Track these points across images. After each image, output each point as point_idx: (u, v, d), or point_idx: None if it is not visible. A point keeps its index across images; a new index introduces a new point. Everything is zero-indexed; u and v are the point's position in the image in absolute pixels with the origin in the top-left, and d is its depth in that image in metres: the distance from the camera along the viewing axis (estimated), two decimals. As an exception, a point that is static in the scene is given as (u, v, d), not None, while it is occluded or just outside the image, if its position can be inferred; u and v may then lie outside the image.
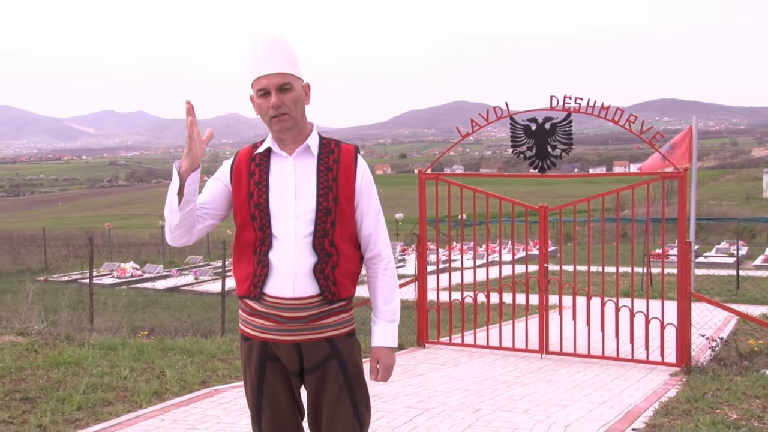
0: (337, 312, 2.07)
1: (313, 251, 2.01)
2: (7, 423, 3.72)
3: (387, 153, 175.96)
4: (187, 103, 1.90)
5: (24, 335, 6.11)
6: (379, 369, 2.12)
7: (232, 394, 4.41)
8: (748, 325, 7.83)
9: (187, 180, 1.91)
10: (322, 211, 2.02)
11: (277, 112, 1.99)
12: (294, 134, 2.04)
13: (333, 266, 2.03)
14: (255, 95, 2.03)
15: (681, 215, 5.90)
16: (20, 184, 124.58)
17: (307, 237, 2.01)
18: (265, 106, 2.00)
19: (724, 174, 72.82)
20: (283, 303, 2.02)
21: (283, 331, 2.04)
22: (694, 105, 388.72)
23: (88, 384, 4.47)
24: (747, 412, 4.13)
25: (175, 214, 1.94)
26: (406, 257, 19.86)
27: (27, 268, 18.43)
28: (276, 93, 1.98)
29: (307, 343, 2.05)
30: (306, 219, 2.02)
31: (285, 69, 2.00)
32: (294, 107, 2.01)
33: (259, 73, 2.00)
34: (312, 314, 2.03)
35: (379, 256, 2.13)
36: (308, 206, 2.02)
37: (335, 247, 2.03)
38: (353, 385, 2.07)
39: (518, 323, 6.51)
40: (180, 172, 1.92)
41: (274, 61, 1.99)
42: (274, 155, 2.07)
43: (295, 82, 2.01)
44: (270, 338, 2.05)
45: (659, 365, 5.75)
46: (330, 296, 2.03)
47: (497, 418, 4.09)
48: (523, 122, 6.04)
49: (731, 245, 20.42)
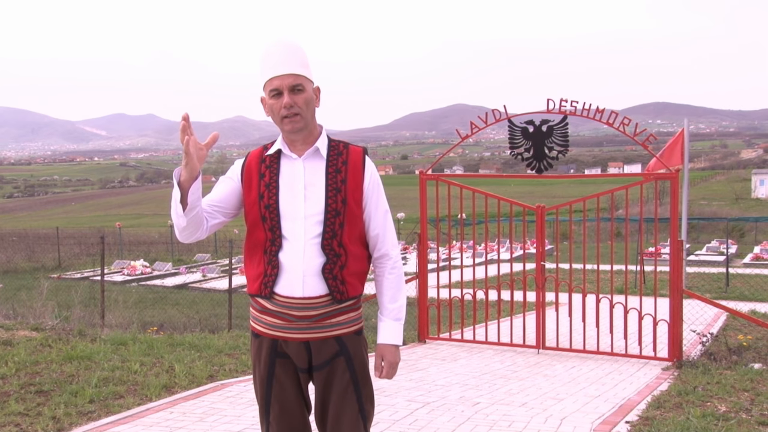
0: (345, 311, 2.08)
1: (322, 252, 2.02)
2: (22, 415, 3.79)
3: (389, 154, 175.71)
4: (183, 120, 1.86)
5: (38, 330, 6.17)
6: (384, 366, 2.12)
7: (239, 388, 4.48)
8: (737, 320, 7.98)
9: (189, 190, 1.92)
10: (330, 213, 2.03)
11: (290, 112, 2.00)
12: (304, 136, 2.06)
13: (341, 266, 2.04)
14: (267, 96, 2.04)
15: (673, 215, 5.99)
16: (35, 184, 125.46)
17: (316, 238, 2.02)
18: (277, 106, 2.02)
19: (714, 175, 73.25)
20: (293, 302, 2.04)
21: (292, 329, 2.06)
22: (686, 108, 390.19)
23: (100, 378, 4.54)
24: (736, 404, 4.24)
25: (181, 219, 1.97)
26: (408, 255, 19.94)
27: (41, 266, 18.43)
28: (288, 93, 2.00)
29: (316, 341, 2.07)
30: (315, 220, 2.03)
31: (298, 71, 2.02)
32: (305, 108, 2.02)
33: (273, 74, 2.01)
34: (321, 313, 2.05)
35: (387, 255, 2.13)
36: (317, 208, 2.03)
37: (344, 247, 2.05)
38: (359, 382, 2.10)
39: (516, 320, 6.62)
40: (180, 182, 1.92)
41: (287, 63, 2.01)
42: (284, 157, 2.08)
43: (307, 84, 2.03)
44: (280, 336, 2.07)
45: (652, 360, 5.87)
46: (339, 296, 2.05)
47: (495, 411, 4.16)
48: (521, 125, 6.15)
49: (721, 244, 20.66)
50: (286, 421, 2.12)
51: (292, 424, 2.13)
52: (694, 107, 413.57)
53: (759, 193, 54.10)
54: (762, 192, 54.05)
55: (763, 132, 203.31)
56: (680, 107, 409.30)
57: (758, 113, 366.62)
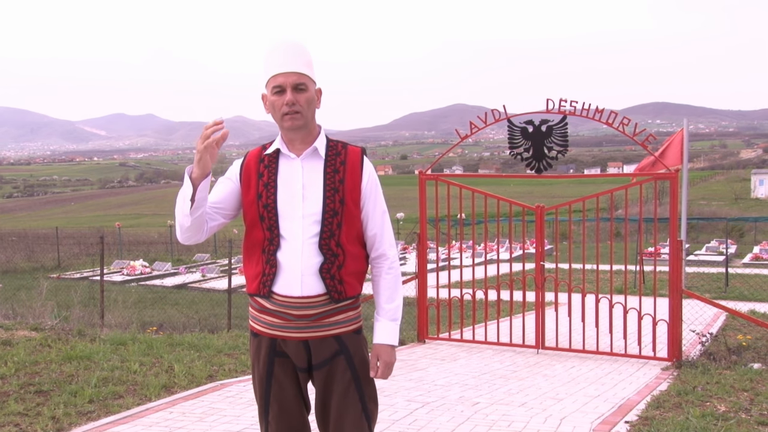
0: (344, 310, 2.09)
1: (320, 251, 2.03)
2: (22, 415, 3.78)
3: (388, 154, 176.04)
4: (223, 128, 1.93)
5: (38, 330, 6.17)
6: (379, 366, 2.11)
7: (238, 388, 4.48)
8: (736, 320, 8.00)
9: (198, 186, 1.94)
10: (328, 213, 2.04)
11: (291, 109, 2.01)
12: (303, 135, 2.07)
13: (339, 266, 2.05)
14: (269, 93, 2.05)
15: (672, 215, 6.00)
16: (34, 184, 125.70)
17: (313, 237, 2.03)
18: (278, 103, 2.03)
19: (713, 175, 73.40)
20: (291, 301, 2.04)
21: (291, 329, 2.06)
22: (685, 108, 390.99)
23: (100, 378, 4.54)
24: (735, 404, 4.24)
25: (186, 218, 1.98)
26: (407, 255, 19.97)
27: (41, 266, 18.43)
28: (291, 91, 2.01)
29: (315, 340, 2.07)
30: (313, 220, 2.04)
31: (302, 70, 2.03)
32: (307, 107, 2.04)
33: (277, 71, 2.02)
34: (319, 312, 2.06)
35: (384, 255, 2.14)
36: (315, 207, 2.04)
37: (341, 247, 2.05)
38: (361, 380, 2.10)
39: (515, 319, 6.64)
40: (192, 179, 1.94)
41: (292, 61, 2.02)
42: (283, 156, 2.09)
43: (309, 84, 2.05)
44: (279, 335, 2.08)
45: (651, 360, 5.88)
46: (336, 295, 2.05)
47: (495, 411, 4.17)
48: (520, 125, 6.16)
49: (720, 244, 20.69)
50: (285, 420, 2.12)
51: (291, 423, 2.13)
52: (693, 107, 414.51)
53: (758, 193, 54.21)
54: (761, 192, 54.16)
55: (762, 132, 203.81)
56: (680, 107, 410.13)
57: (758, 113, 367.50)
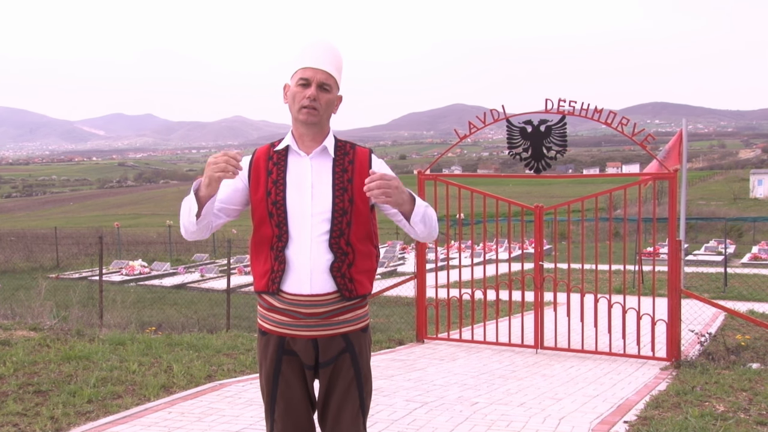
0: (353, 308, 2.11)
1: (329, 249, 2.05)
2: (20, 415, 3.79)
3: (387, 154, 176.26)
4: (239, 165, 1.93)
5: (36, 330, 6.18)
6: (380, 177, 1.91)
7: (237, 388, 4.49)
8: (735, 320, 8.01)
9: (206, 205, 1.99)
10: (338, 212, 2.05)
11: (310, 104, 2.04)
12: (314, 132, 2.09)
13: (349, 264, 2.07)
14: (293, 84, 2.08)
15: (671, 215, 6.03)
16: (33, 184, 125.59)
17: (323, 235, 2.05)
18: (300, 95, 2.05)
19: (712, 175, 73.45)
20: (301, 299, 2.05)
21: (300, 327, 2.07)
22: (684, 108, 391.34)
23: (98, 378, 4.55)
24: (734, 404, 4.26)
25: (192, 226, 2.03)
26: (406, 255, 20.00)
27: (39, 266, 18.42)
28: (316, 87, 2.04)
29: (323, 339, 2.08)
30: (322, 218, 2.05)
31: (331, 71, 2.08)
32: (325, 108, 2.07)
33: (308, 64, 2.06)
34: (329, 310, 2.07)
35: None
36: (324, 206, 2.05)
37: (351, 245, 2.07)
38: (362, 378, 2.13)
39: (514, 319, 6.65)
40: (199, 197, 1.98)
41: (324, 60, 2.07)
42: (292, 154, 2.11)
43: (333, 88, 2.09)
44: (287, 333, 2.09)
45: (650, 360, 5.89)
46: (347, 293, 2.07)
47: (494, 411, 4.18)
48: (519, 125, 6.17)
49: (719, 244, 20.70)
50: (291, 418, 2.13)
51: (297, 421, 2.14)
52: (692, 107, 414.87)
53: (757, 193, 54.26)
54: (760, 192, 54.21)
55: (761, 132, 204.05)
56: (678, 107, 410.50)
57: (756, 113, 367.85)
